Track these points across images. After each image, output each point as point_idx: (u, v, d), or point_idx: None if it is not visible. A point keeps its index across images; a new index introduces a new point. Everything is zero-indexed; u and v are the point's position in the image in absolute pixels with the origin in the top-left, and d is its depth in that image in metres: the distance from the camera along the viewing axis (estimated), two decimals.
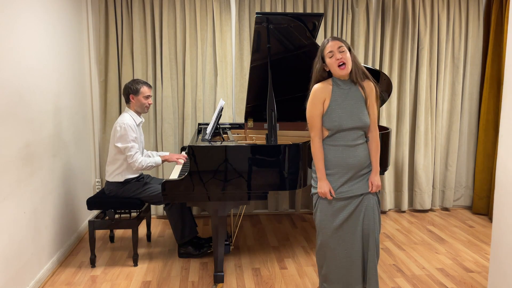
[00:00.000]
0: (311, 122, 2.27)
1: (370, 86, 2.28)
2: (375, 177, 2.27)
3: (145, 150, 3.46)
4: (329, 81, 2.27)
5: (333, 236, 2.25)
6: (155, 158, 3.21)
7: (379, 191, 2.33)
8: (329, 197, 2.22)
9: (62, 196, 3.29)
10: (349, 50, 2.21)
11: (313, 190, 2.33)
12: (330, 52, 2.18)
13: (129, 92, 3.19)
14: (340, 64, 2.18)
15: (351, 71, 2.23)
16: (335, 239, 2.26)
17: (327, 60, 2.21)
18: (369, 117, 2.28)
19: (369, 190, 2.26)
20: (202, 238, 3.45)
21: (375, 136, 2.31)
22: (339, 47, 2.17)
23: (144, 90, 3.20)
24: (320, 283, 2.38)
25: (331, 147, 2.25)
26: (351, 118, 2.21)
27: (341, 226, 2.25)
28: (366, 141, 2.31)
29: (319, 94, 2.24)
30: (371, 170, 2.29)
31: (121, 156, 3.12)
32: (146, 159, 3.13)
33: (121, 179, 3.15)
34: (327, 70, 2.26)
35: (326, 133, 2.26)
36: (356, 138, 2.24)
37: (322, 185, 2.24)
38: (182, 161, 3.28)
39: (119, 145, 3.07)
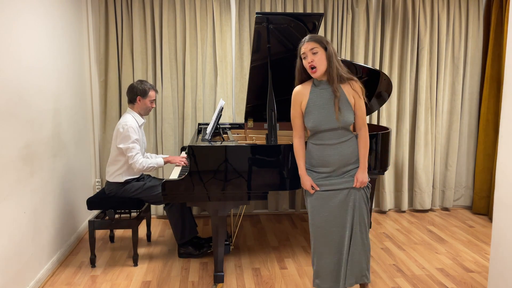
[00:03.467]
0: (292, 123, 2.37)
1: (351, 85, 2.26)
2: (360, 173, 2.30)
3: (146, 153, 3.46)
4: (310, 82, 2.31)
5: (322, 229, 2.30)
6: (156, 159, 3.20)
7: (368, 187, 2.35)
8: (311, 191, 2.31)
9: (62, 196, 3.29)
10: (325, 49, 2.20)
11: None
12: (303, 53, 2.22)
13: (137, 93, 3.17)
14: (311, 67, 2.21)
15: (326, 72, 2.23)
16: (324, 232, 2.30)
17: (303, 62, 2.25)
18: (356, 115, 2.29)
19: (354, 185, 2.28)
20: (202, 238, 3.45)
21: (363, 134, 2.33)
22: (312, 48, 2.19)
23: (152, 94, 3.21)
24: (313, 280, 2.40)
25: (313, 145, 2.32)
26: (328, 119, 2.23)
27: (329, 220, 2.29)
28: (356, 137, 2.34)
29: (295, 96, 2.32)
30: (358, 167, 2.32)
31: (122, 158, 3.12)
32: (147, 160, 3.13)
33: (121, 179, 3.16)
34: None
35: (309, 132, 2.34)
36: (338, 136, 2.26)
37: (303, 181, 2.35)
38: (183, 164, 3.26)
39: (121, 146, 3.07)
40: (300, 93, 2.30)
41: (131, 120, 3.14)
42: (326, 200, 2.29)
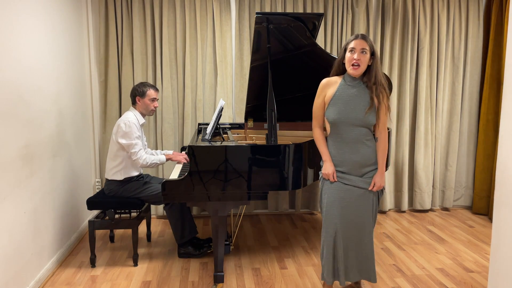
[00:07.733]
0: (313, 111, 2.41)
1: (381, 93, 2.31)
2: (378, 177, 2.34)
3: (149, 149, 3.46)
4: (341, 76, 2.36)
5: (335, 219, 2.35)
6: (159, 156, 3.21)
7: (382, 191, 2.41)
8: (331, 179, 2.34)
9: (62, 196, 3.29)
10: (372, 54, 2.26)
11: (320, 175, 2.46)
12: (353, 48, 2.24)
13: (136, 94, 3.21)
14: (354, 64, 2.24)
15: (364, 73, 2.29)
16: (335, 224, 2.36)
17: (346, 54, 2.28)
18: (378, 118, 2.33)
19: (369, 187, 2.33)
20: (202, 239, 3.44)
21: (383, 137, 2.37)
22: (362, 48, 2.22)
23: (151, 92, 3.21)
24: (321, 273, 2.49)
25: (334, 143, 2.36)
26: (351, 114, 2.27)
27: (345, 214, 2.35)
28: (376, 141, 2.40)
29: (322, 87, 2.36)
30: (376, 169, 2.37)
31: (122, 153, 3.12)
32: (150, 156, 3.14)
33: (120, 177, 3.15)
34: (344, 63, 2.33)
35: (329, 129, 2.36)
36: (359, 136, 2.30)
37: (326, 167, 2.36)
38: (185, 161, 3.27)
39: (123, 141, 3.07)
40: (327, 85, 2.35)
41: (132, 117, 3.15)
42: (345, 193, 2.33)
